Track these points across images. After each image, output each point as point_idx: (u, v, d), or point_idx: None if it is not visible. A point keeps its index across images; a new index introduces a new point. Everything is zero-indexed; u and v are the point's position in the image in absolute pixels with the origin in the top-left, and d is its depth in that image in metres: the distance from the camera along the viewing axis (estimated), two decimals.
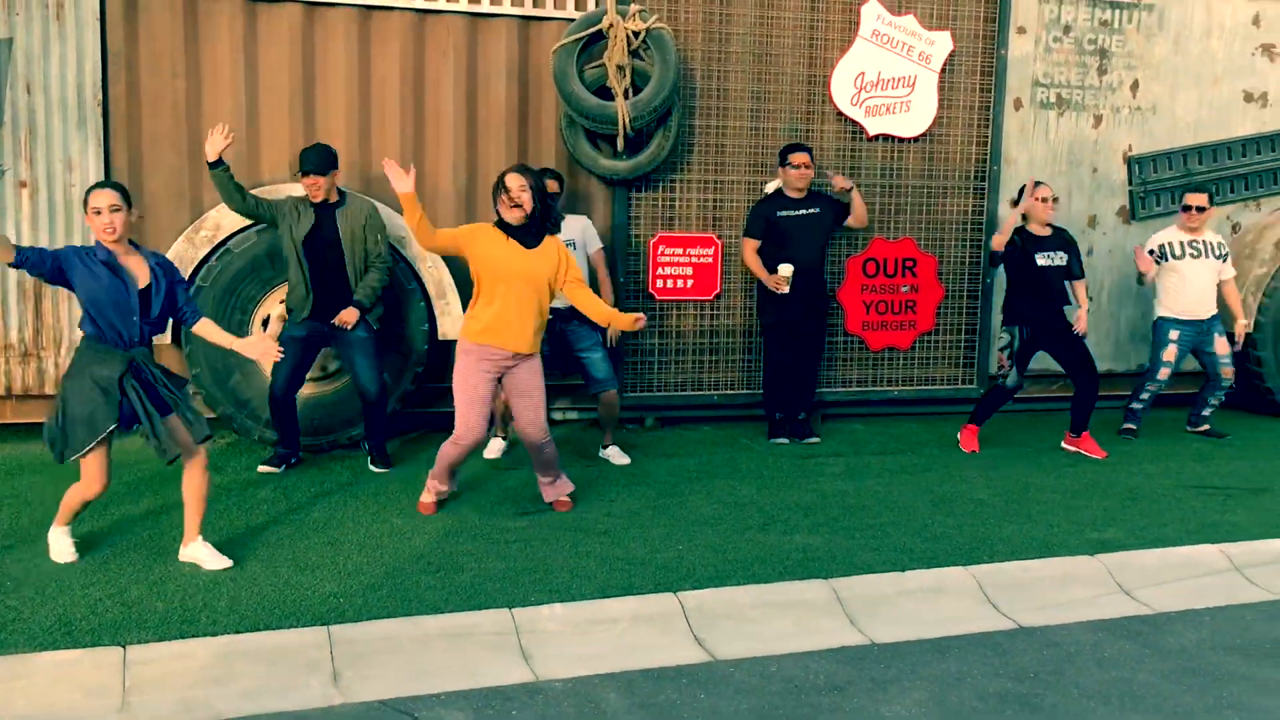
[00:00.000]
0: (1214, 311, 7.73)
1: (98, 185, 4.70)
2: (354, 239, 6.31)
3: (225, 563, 4.90)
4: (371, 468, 6.53)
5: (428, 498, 5.80)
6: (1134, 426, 7.88)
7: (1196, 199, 7.62)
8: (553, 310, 6.52)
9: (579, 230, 6.90)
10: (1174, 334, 7.68)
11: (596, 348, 6.82)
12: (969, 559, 5.34)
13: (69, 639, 4.18)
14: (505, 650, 4.37)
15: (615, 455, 6.94)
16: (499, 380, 5.63)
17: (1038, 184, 7.20)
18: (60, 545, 4.96)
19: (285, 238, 6.26)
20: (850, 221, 7.45)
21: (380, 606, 4.58)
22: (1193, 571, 5.39)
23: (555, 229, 5.66)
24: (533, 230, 5.53)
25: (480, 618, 4.52)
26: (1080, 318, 7.24)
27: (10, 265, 4.51)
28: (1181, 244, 7.65)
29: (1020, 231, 7.16)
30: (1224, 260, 7.74)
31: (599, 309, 5.69)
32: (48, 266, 4.58)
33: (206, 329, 4.94)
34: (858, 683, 4.22)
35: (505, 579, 4.91)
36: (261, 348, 4.87)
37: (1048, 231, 7.21)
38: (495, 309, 5.47)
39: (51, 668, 3.98)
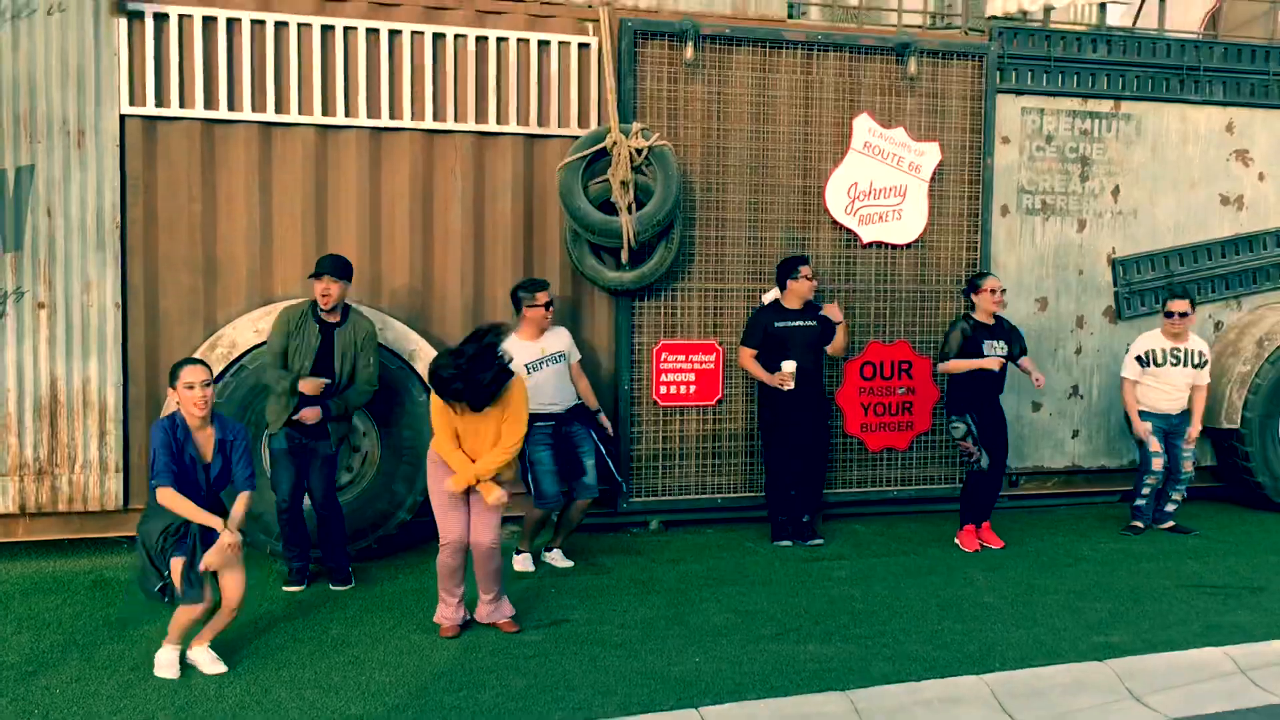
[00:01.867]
0: (1185, 408, 8.01)
1: (188, 362, 5.21)
2: (345, 359, 6.37)
3: (221, 668, 5.16)
4: (332, 587, 6.46)
5: (446, 621, 5.77)
6: (1140, 525, 8.04)
7: (1179, 305, 7.89)
8: (554, 416, 6.77)
9: (566, 344, 7.03)
10: (1148, 425, 7.94)
11: (591, 454, 7.00)
12: (981, 667, 5.43)
13: None
14: None
15: (558, 559, 7.06)
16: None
17: (985, 275, 7.53)
18: (165, 661, 5.15)
19: (292, 349, 6.30)
20: (829, 349, 7.61)
21: None
22: (1200, 675, 5.49)
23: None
24: (481, 399, 5.50)
25: None
26: (1037, 377, 7.54)
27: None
28: (1164, 351, 7.93)
29: (968, 320, 7.46)
30: (1202, 368, 7.99)
31: (488, 468, 5.64)
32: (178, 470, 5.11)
33: (238, 502, 5.29)
34: None
35: (528, 697, 4.97)
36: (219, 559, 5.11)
37: (992, 321, 7.48)
38: (454, 455, 5.61)
39: None
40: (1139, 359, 7.95)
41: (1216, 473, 9.03)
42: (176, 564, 5.00)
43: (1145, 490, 8.03)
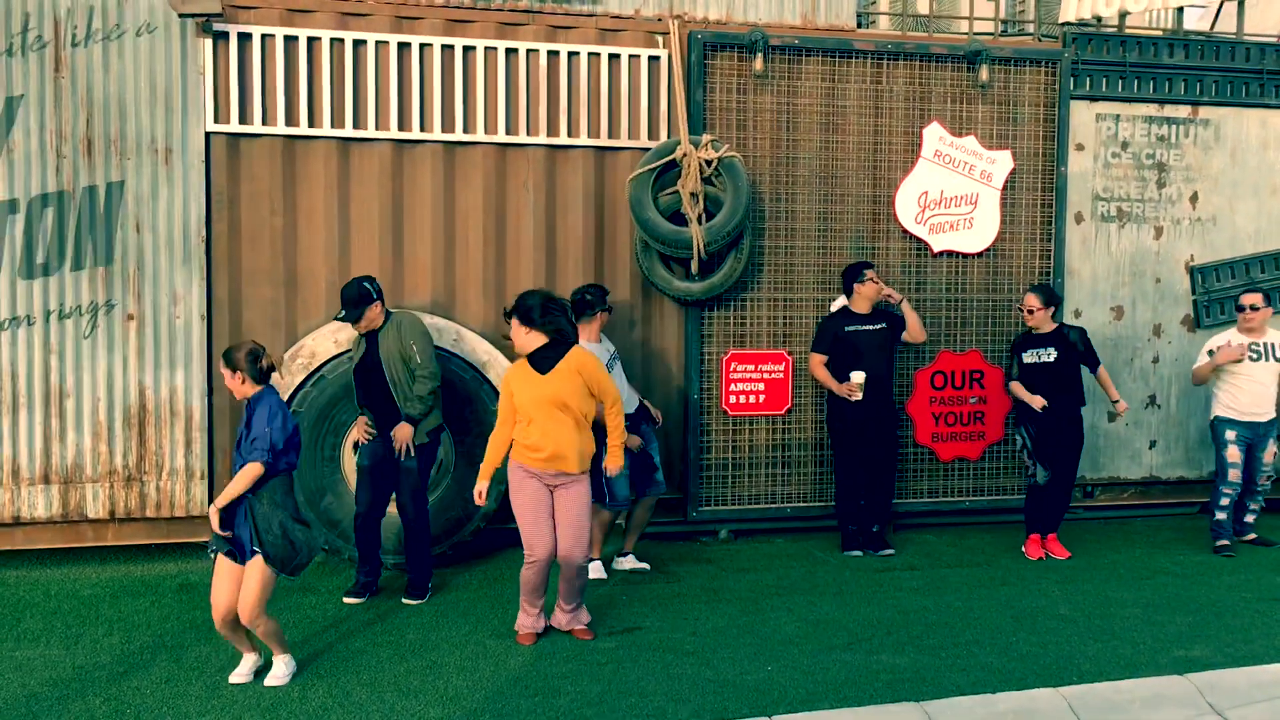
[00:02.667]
0: (1272, 415, 7.76)
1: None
2: (391, 358, 6.36)
3: (280, 681, 5.20)
4: (404, 599, 6.44)
5: (524, 630, 5.86)
6: (1227, 543, 7.77)
7: (1251, 298, 7.73)
8: (626, 417, 6.71)
9: (615, 345, 7.13)
10: (1231, 434, 7.70)
11: (657, 452, 7.12)
12: (1057, 679, 5.38)
13: None
14: None
15: (631, 563, 7.14)
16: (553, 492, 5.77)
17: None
18: (272, 668, 5.28)
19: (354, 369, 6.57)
20: (906, 336, 7.64)
21: None
22: None
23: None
24: (545, 354, 5.69)
25: None
26: (1119, 406, 7.57)
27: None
28: (1242, 346, 7.72)
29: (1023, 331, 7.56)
30: None
31: (615, 440, 5.91)
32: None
33: (241, 474, 5.04)
34: None
35: (603, 703, 5.03)
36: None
37: (1045, 330, 7.48)
38: (532, 432, 5.66)
39: None
40: (1212, 352, 7.75)
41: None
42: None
43: (1224, 502, 7.80)
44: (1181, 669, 5.53)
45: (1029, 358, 7.46)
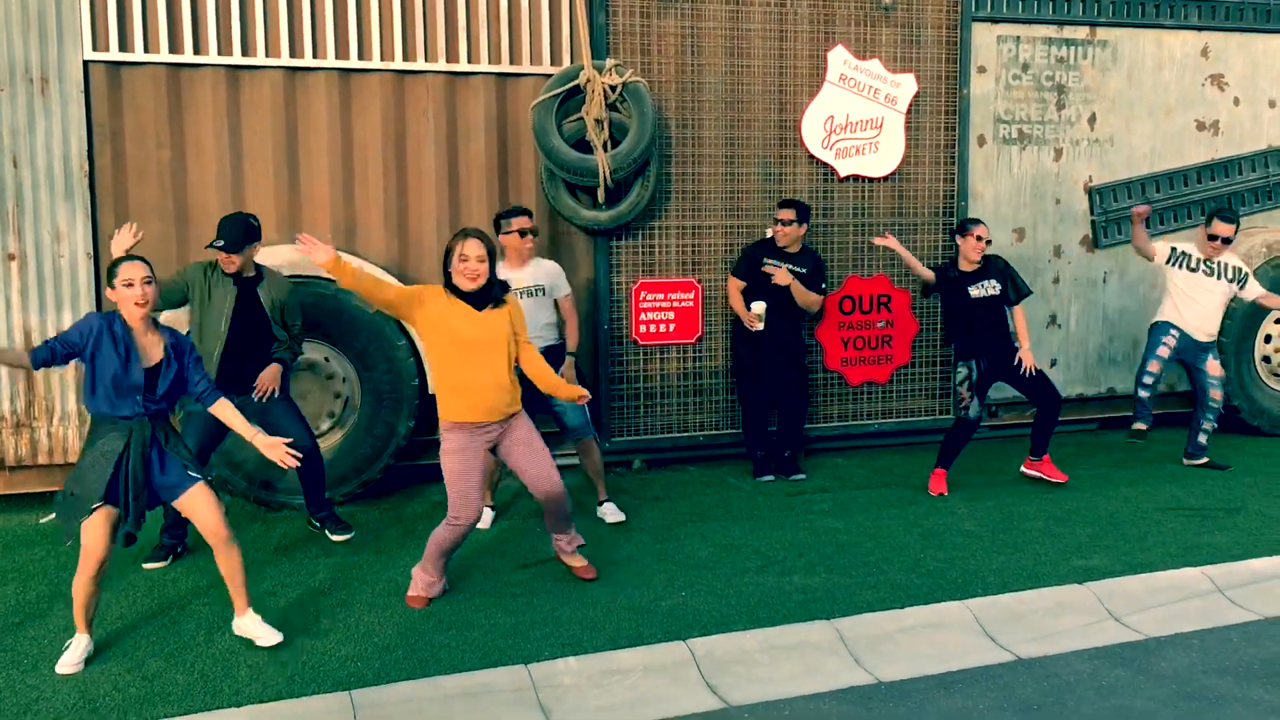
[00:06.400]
0: (1213, 339, 7.76)
1: (128, 258, 4.68)
2: (275, 310, 6.02)
3: (276, 638, 4.82)
4: (332, 538, 6.27)
5: (416, 591, 5.40)
6: (1143, 426, 7.71)
7: (1224, 229, 7.53)
8: None
9: (548, 276, 6.68)
10: (1173, 333, 7.64)
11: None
12: (963, 593, 5.50)
13: (95, 716, 4.23)
14: (524, 706, 4.46)
15: (611, 513, 6.74)
16: (494, 450, 5.39)
17: (975, 222, 7.17)
18: (73, 652, 4.70)
19: (204, 308, 5.91)
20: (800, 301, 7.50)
21: (397, 668, 4.66)
22: (1177, 595, 5.58)
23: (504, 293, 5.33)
24: (486, 294, 5.22)
25: (497, 675, 4.61)
26: (1024, 354, 7.17)
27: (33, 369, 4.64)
28: (1198, 260, 7.62)
29: (953, 265, 7.23)
30: (1241, 285, 7.67)
31: (548, 379, 5.46)
32: (59, 357, 4.58)
33: (223, 411, 4.83)
34: None
35: (516, 634, 5.01)
36: (279, 453, 4.77)
37: (977, 265, 7.17)
38: (467, 382, 5.15)
39: None
40: (1173, 249, 7.63)
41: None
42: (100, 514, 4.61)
43: (1146, 380, 7.67)
44: (1081, 578, 5.69)
45: (975, 291, 7.12)
